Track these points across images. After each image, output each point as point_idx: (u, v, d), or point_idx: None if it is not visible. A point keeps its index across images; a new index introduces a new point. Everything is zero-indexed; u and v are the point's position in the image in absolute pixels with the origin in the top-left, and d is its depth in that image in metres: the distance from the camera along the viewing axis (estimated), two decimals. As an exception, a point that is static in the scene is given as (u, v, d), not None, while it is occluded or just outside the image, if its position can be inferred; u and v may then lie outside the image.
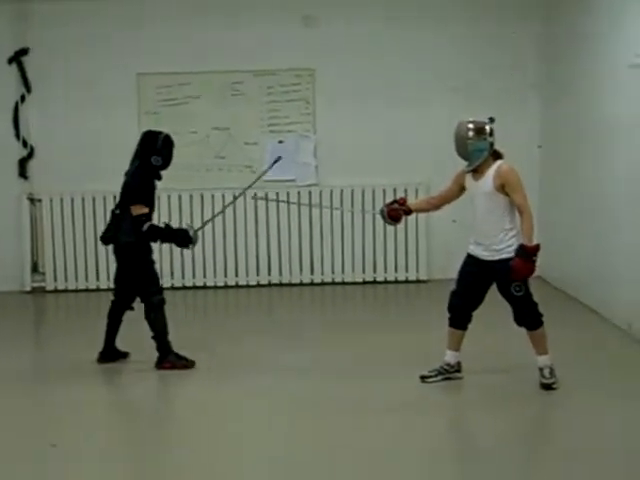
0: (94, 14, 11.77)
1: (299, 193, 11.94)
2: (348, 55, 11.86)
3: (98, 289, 11.93)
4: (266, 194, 10.86)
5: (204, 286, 12.14)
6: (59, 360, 8.71)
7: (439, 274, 11.57)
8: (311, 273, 12.18)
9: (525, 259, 7.07)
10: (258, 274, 12.17)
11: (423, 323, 9.66)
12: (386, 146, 11.92)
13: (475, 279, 7.41)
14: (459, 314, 7.56)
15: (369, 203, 11.61)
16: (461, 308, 7.54)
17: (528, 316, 7.31)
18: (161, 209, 10.94)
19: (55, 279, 12.12)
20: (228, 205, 10.08)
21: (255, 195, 9.77)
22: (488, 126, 7.26)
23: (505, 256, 7.17)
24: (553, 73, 11.53)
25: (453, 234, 11.05)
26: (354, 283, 12.14)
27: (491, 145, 7.24)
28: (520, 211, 7.17)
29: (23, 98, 11.98)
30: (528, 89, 11.90)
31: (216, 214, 9.94)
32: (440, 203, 7.88)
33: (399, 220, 8.02)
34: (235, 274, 12.17)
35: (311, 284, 12.16)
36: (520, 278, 7.15)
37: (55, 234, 12.03)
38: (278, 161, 8.91)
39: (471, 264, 7.44)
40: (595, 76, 10.00)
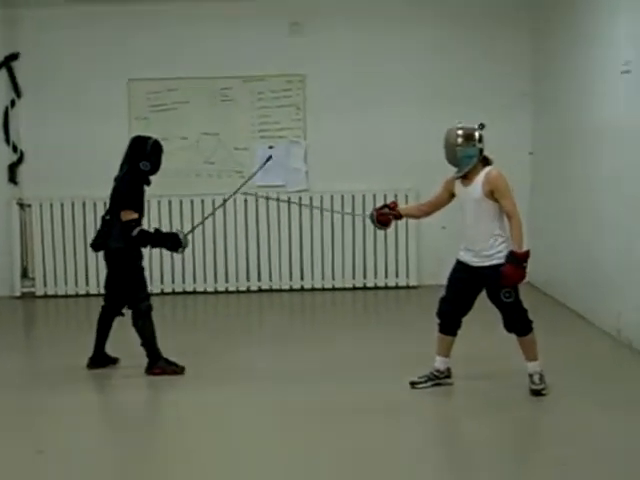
0: (85, 20, 11.79)
1: (289, 199, 11.92)
2: (339, 61, 11.89)
3: (88, 294, 11.92)
4: (255, 193, 10.89)
5: (194, 291, 12.14)
6: (48, 365, 8.70)
7: (429, 280, 11.57)
8: (301, 279, 12.18)
9: (515, 265, 7.08)
10: (248, 280, 12.17)
11: (413, 329, 9.65)
12: (376, 152, 11.93)
13: (465, 285, 7.42)
14: (448, 320, 7.56)
15: (359, 209, 11.60)
16: (450, 314, 7.54)
17: (518, 322, 7.31)
18: (151, 215, 10.98)
19: (45, 284, 12.10)
20: (218, 208, 10.06)
21: (248, 193, 9.78)
22: (477, 132, 7.27)
23: (495, 262, 7.18)
24: (543, 80, 11.55)
25: (443, 240, 11.06)
26: (344, 289, 12.14)
27: (480, 151, 7.25)
28: (509, 217, 7.17)
29: (13, 103, 11.97)
30: (519, 97, 11.91)
31: (206, 217, 9.98)
32: (430, 210, 7.88)
33: (388, 225, 8.03)
34: (225, 280, 12.17)
35: (301, 290, 12.16)
36: (510, 284, 7.15)
37: (45, 239, 12.02)
38: (269, 160, 8.91)
39: (460, 270, 7.45)
40: (584, 84, 10.01)
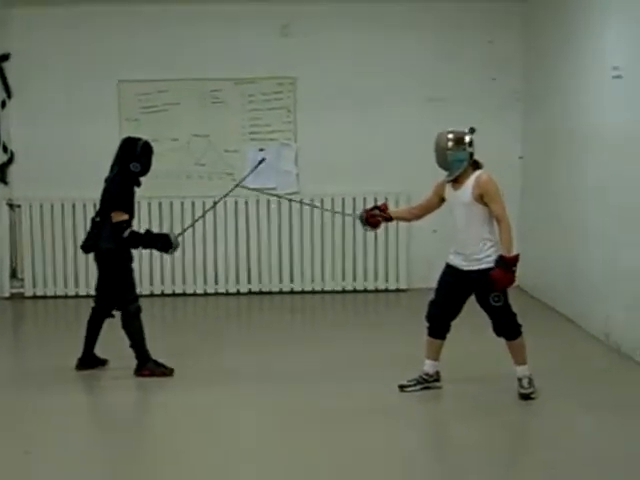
0: (75, 21, 11.79)
1: (280, 201, 11.94)
2: (329, 64, 11.90)
3: (77, 295, 11.91)
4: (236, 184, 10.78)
5: (183, 293, 12.13)
6: (37, 366, 8.69)
7: (419, 283, 11.56)
8: (291, 281, 12.19)
9: (505, 269, 7.09)
10: (238, 282, 12.17)
11: (402, 332, 9.65)
12: (367, 155, 11.93)
13: (454, 289, 7.43)
14: (438, 324, 7.57)
15: (349, 211, 11.57)
16: (440, 318, 7.55)
17: (507, 326, 7.32)
18: (141, 216, 10.99)
19: (34, 285, 12.08)
20: (209, 210, 10.09)
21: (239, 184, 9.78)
22: (468, 136, 7.28)
23: (484, 266, 7.18)
24: (534, 84, 11.58)
25: (433, 244, 11.07)
26: (334, 292, 12.14)
27: (471, 155, 7.26)
28: (498, 221, 7.17)
29: (4, 103, 11.95)
30: (510, 100, 11.93)
31: (197, 219, 9.97)
32: (421, 213, 7.88)
33: (377, 226, 8.05)
34: (215, 282, 12.16)
35: (291, 292, 12.16)
36: (500, 288, 7.16)
37: (34, 240, 11.99)
38: (261, 163, 8.91)
39: (450, 274, 7.46)
40: (574, 87, 10.04)
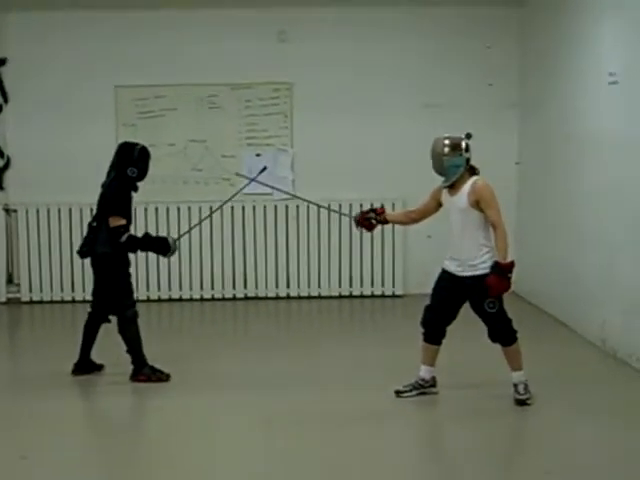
0: (72, 26, 11.79)
1: (276, 207, 11.95)
2: (326, 70, 11.91)
3: (74, 300, 11.91)
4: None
5: (180, 299, 12.12)
6: (33, 371, 8.67)
7: (415, 289, 11.57)
8: (287, 287, 12.18)
9: (500, 276, 7.09)
10: (234, 287, 12.16)
11: (398, 338, 9.65)
12: (363, 161, 11.94)
13: (449, 294, 7.43)
14: (433, 329, 7.56)
15: (345, 217, 11.53)
16: (435, 323, 7.54)
17: (502, 332, 7.32)
18: (138, 222, 10.99)
19: (30, 290, 12.07)
20: (208, 216, 10.09)
21: (238, 173, 9.80)
22: (464, 142, 7.29)
23: (479, 272, 7.19)
24: (530, 89, 11.60)
25: (429, 249, 11.05)
26: (330, 297, 12.14)
27: (467, 161, 7.27)
28: (494, 227, 7.18)
29: (0, 108, 11.94)
30: (506, 106, 11.94)
31: (196, 224, 10.00)
32: (418, 217, 7.89)
33: (371, 229, 8.07)
34: (211, 287, 12.16)
35: (287, 298, 12.15)
36: (495, 295, 7.16)
37: (31, 245, 11.99)
38: (264, 171, 8.93)
39: (445, 279, 7.46)
40: (571, 93, 10.06)
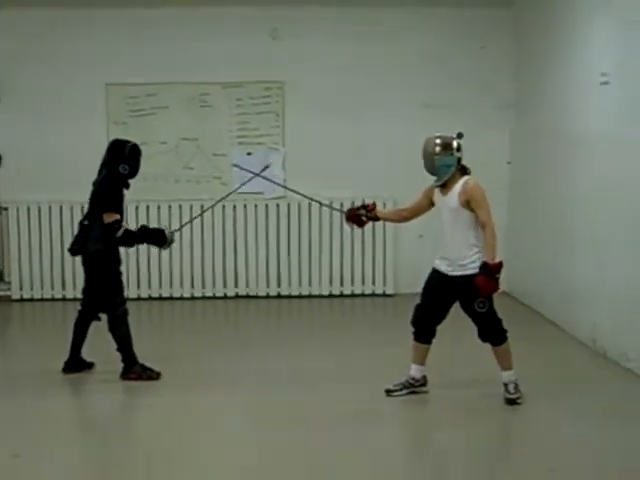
0: (64, 24, 11.74)
1: (267, 206, 11.95)
2: (318, 68, 11.90)
3: (64, 298, 11.88)
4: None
5: (170, 297, 12.11)
6: (24, 369, 8.67)
7: (406, 288, 11.56)
8: (278, 285, 12.17)
9: (488, 276, 7.10)
10: (225, 286, 12.15)
11: (389, 337, 9.66)
12: (355, 159, 11.93)
13: (439, 293, 7.44)
14: (423, 328, 7.58)
15: (337, 216, 11.50)
16: (425, 322, 7.56)
17: (492, 332, 7.33)
18: (129, 220, 10.91)
19: (21, 288, 12.04)
20: (207, 209, 10.03)
21: (236, 165, 9.81)
22: (455, 141, 7.30)
23: (469, 272, 7.20)
24: (523, 90, 11.61)
25: (420, 249, 11.07)
26: (321, 296, 12.13)
27: (458, 160, 7.28)
28: (483, 227, 7.19)
29: (-9, 106, 11.94)
30: (500, 107, 11.93)
31: (195, 216, 10.05)
32: (410, 216, 7.92)
33: (361, 226, 8.09)
34: (202, 285, 12.14)
35: (278, 296, 12.14)
36: (484, 295, 7.17)
37: (21, 243, 11.95)
38: (267, 168, 8.95)
39: (436, 278, 7.47)
40: (563, 93, 10.07)
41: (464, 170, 7.34)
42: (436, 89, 11.93)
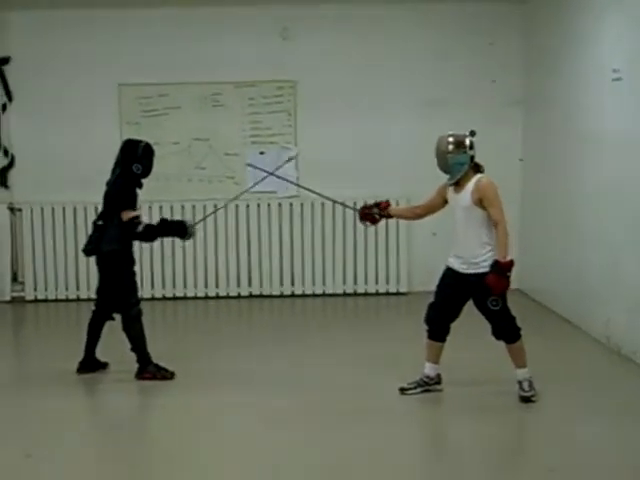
0: (76, 24, 11.79)
1: (280, 205, 11.96)
2: (330, 67, 11.91)
3: (78, 299, 11.91)
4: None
5: (184, 297, 12.13)
6: (38, 370, 8.70)
7: (419, 287, 11.56)
8: (292, 284, 12.18)
9: (499, 275, 7.09)
10: (239, 285, 12.16)
11: (403, 335, 9.64)
12: (367, 158, 11.94)
13: (453, 291, 7.43)
14: (437, 326, 7.57)
15: (349, 214, 11.49)
16: (438, 320, 7.55)
17: (506, 330, 7.33)
18: (143, 220, 10.94)
19: (35, 289, 12.08)
20: (227, 203, 10.07)
21: (250, 164, 9.84)
22: (468, 139, 7.29)
23: (482, 270, 7.18)
24: (534, 86, 11.59)
25: (433, 247, 11.09)
26: (334, 295, 12.14)
27: (471, 158, 7.27)
28: (495, 225, 7.18)
29: (4, 107, 11.96)
30: (511, 103, 11.92)
31: (214, 210, 10.12)
32: (424, 213, 7.90)
33: (374, 223, 8.08)
34: (215, 285, 12.16)
35: (292, 295, 12.15)
36: (496, 293, 7.16)
37: (35, 244, 12.00)
38: (290, 160, 8.95)
39: (449, 276, 7.46)
40: (575, 90, 10.06)
41: (477, 168, 7.33)
42: (447, 87, 11.92)
